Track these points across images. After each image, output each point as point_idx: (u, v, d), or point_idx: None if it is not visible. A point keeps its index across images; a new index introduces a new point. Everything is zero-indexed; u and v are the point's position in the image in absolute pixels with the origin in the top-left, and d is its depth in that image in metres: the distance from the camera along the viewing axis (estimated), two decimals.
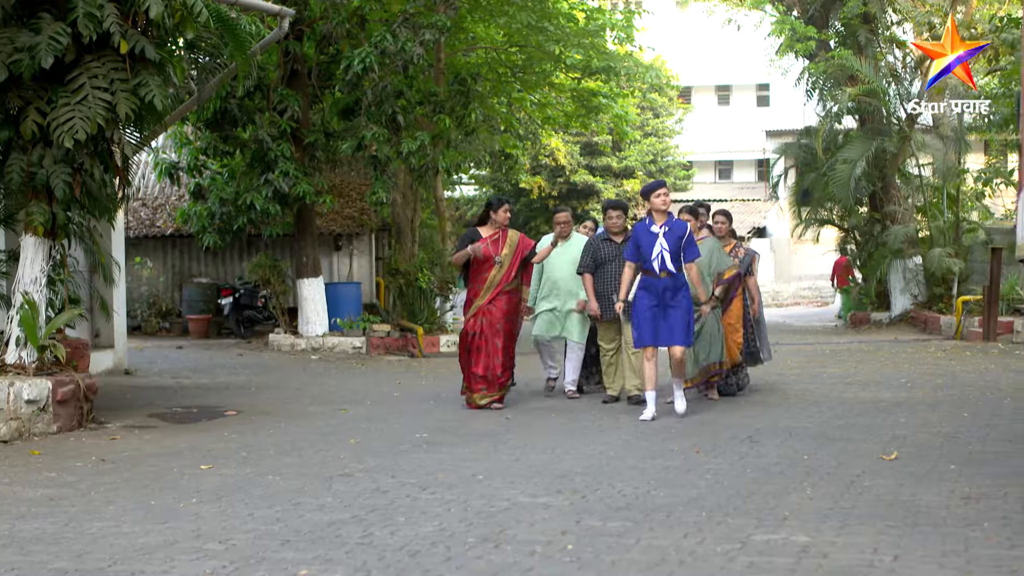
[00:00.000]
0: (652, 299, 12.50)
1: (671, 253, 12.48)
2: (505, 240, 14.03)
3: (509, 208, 14.29)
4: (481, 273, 13.95)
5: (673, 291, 12.49)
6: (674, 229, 12.61)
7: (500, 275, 13.89)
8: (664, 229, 12.55)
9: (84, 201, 12.42)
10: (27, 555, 6.62)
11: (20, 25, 11.63)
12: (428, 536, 6.95)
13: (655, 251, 12.51)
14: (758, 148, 57.51)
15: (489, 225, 14.11)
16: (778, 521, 7.20)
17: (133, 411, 13.52)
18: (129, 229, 27.64)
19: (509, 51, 28.88)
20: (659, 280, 12.49)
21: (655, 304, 12.48)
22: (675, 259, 12.50)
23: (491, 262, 13.87)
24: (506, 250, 13.96)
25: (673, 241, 12.51)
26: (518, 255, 14.06)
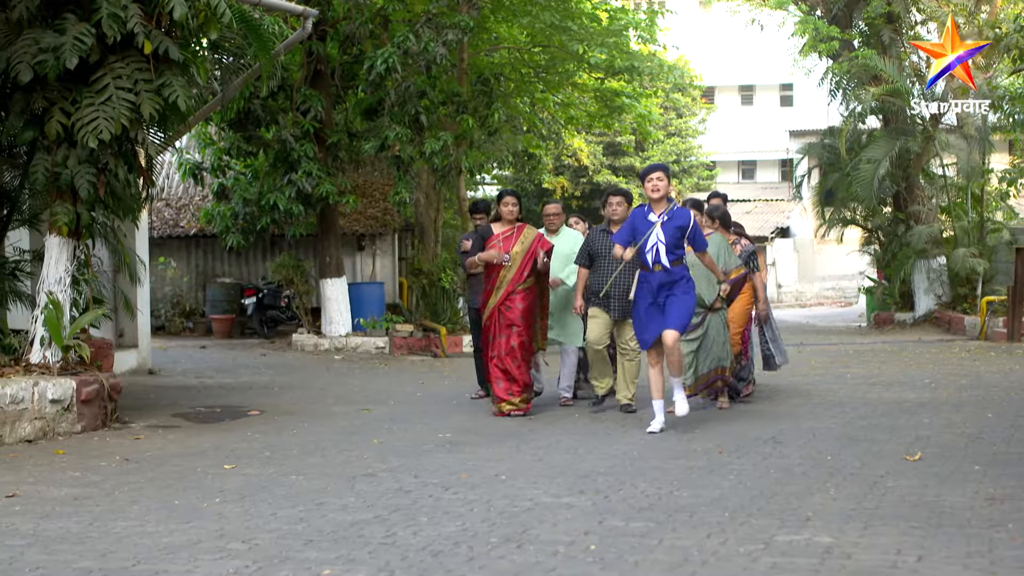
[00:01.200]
0: (648, 297, 11.53)
1: (667, 246, 11.44)
2: (518, 237, 13.19)
3: (514, 200, 13.38)
4: (491, 273, 13.23)
5: (669, 287, 11.46)
6: (674, 219, 11.51)
7: (510, 274, 13.07)
8: (663, 218, 11.49)
9: (108, 201, 12.46)
10: (52, 554, 6.64)
11: (44, 26, 11.66)
12: (451, 536, 6.95)
13: (649, 242, 11.48)
14: (781, 148, 57.37)
15: (502, 221, 13.36)
16: (801, 522, 7.18)
17: (157, 411, 13.55)
18: (153, 229, 27.72)
19: (532, 51, 28.89)
20: (653, 275, 11.49)
21: (651, 302, 11.53)
22: (672, 252, 11.46)
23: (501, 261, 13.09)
24: (517, 247, 13.14)
25: (671, 232, 11.46)
26: (531, 253, 13.12)
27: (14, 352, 12.25)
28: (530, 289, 13.15)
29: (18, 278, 13.34)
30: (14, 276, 13.26)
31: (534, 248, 13.10)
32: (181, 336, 28.62)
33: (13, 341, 12.40)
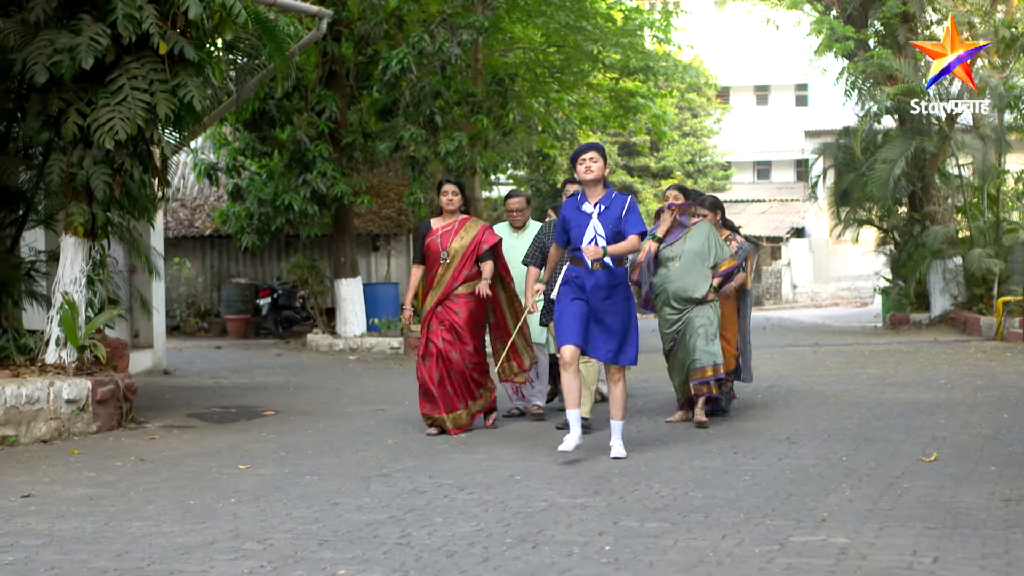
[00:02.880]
0: (575, 292, 9.92)
1: (608, 240, 9.82)
2: (458, 231, 11.82)
3: (454, 190, 11.87)
4: (430, 270, 11.89)
5: (608, 289, 9.89)
6: (612, 207, 9.92)
7: (448, 274, 11.74)
8: (600, 208, 9.93)
9: (124, 202, 12.49)
10: (67, 554, 6.65)
11: (60, 27, 11.69)
12: (466, 536, 6.95)
13: (586, 237, 9.87)
14: (797, 148, 57.27)
15: (443, 214, 11.96)
16: (817, 522, 7.17)
17: (172, 411, 13.57)
18: (168, 229, 27.78)
19: (547, 51, 28.89)
20: (590, 274, 9.88)
21: (577, 298, 9.90)
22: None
23: (438, 258, 11.78)
24: (456, 243, 11.76)
25: (611, 223, 9.87)
26: (472, 249, 11.76)
27: (30, 352, 12.27)
28: (474, 293, 11.74)
29: (34, 278, 13.37)
30: (30, 276, 13.29)
31: (476, 242, 11.77)
32: (196, 336, 28.68)
33: (29, 341, 12.43)
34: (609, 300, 9.92)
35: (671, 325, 12.00)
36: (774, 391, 14.65)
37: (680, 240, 12.07)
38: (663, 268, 12.04)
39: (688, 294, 11.88)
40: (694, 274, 11.89)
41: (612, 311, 9.92)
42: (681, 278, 11.87)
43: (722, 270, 12.05)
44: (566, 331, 9.88)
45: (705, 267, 11.95)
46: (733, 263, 12.17)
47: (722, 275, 12.05)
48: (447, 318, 11.70)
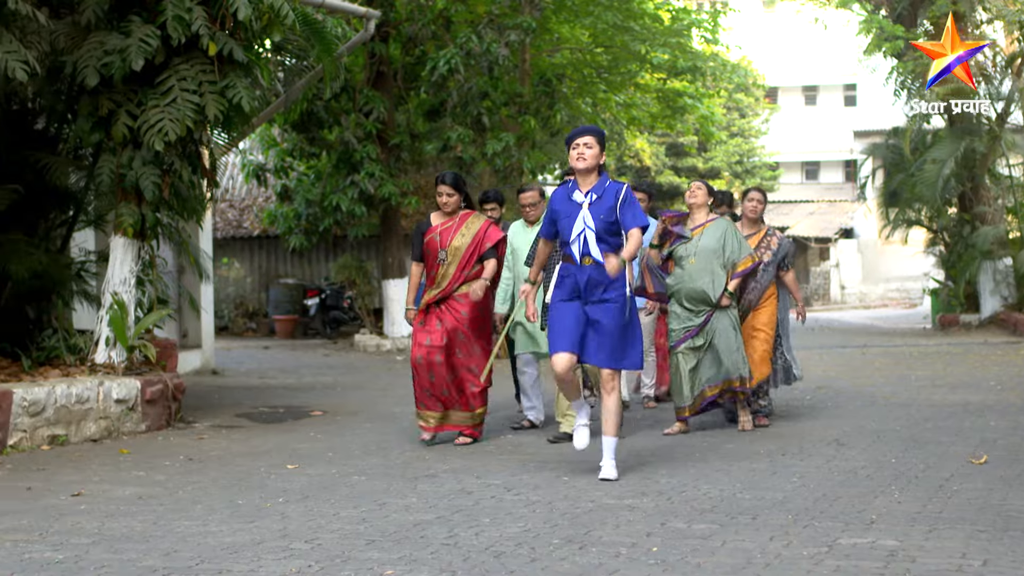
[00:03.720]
0: (566, 293, 9.11)
1: (597, 232, 8.95)
2: (459, 228, 11.04)
3: (449, 191, 10.98)
4: (430, 271, 11.12)
5: (601, 287, 8.98)
6: (605, 197, 9.01)
7: (449, 273, 10.95)
8: (591, 197, 9.02)
9: (173, 202, 12.55)
10: (116, 553, 6.69)
11: (110, 29, 11.75)
12: (513, 537, 6.95)
13: (575, 229, 9.02)
14: (845, 149, 57.00)
15: (441, 211, 11.19)
16: (865, 525, 7.13)
17: (220, 411, 13.63)
18: (216, 230, 27.91)
19: (594, 51, 28.83)
20: (580, 270, 9.04)
21: (570, 297, 9.08)
22: (604, 240, 8.98)
23: (436, 257, 11.02)
24: (456, 241, 10.97)
25: (602, 214, 8.97)
26: (474, 247, 10.99)
27: (80, 352, 12.35)
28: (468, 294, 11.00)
29: (84, 279, 13.45)
30: (80, 277, 13.37)
31: (479, 240, 10.99)
32: (244, 337, 28.80)
33: (79, 341, 12.51)
34: (605, 296, 8.97)
35: (681, 323, 11.34)
36: (822, 393, 14.59)
37: (695, 237, 11.42)
38: (678, 268, 11.46)
39: (702, 295, 11.24)
40: (708, 273, 11.25)
41: (607, 309, 8.96)
42: (694, 278, 11.26)
43: (739, 270, 11.34)
44: (559, 338, 9.01)
45: (720, 266, 11.27)
46: (750, 263, 11.43)
47: (739, 275, 11.34)
48: (449, 318, 10.88)
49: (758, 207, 12.17)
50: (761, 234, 12.11)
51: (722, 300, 11.22)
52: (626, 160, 44.35)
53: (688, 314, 11.33)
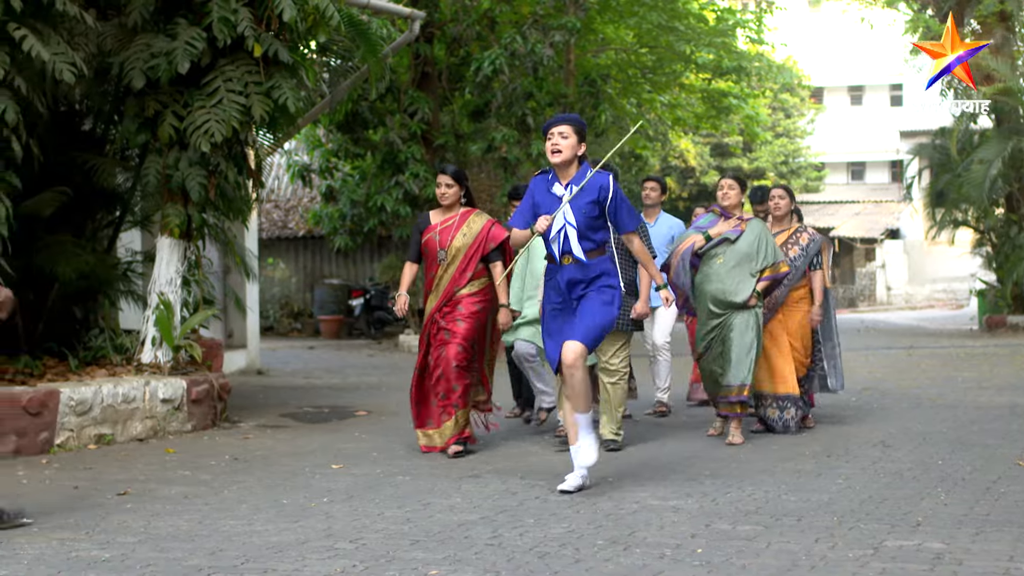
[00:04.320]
0: (556, 296, 8.60)
1: (579, 228, 8.40)
2: (460, 226, 10.42)
3: (449, 181, 10.44)
4: (429, 271, 10.58)
5: (584, 284, 8.46)
6: (587, 189, 8.42)
7: (449, 274, 10.39)
8: (572, 190, 8.44)
9: (219, 203, 12.60)
10: (162, 552, 6.72)
11: (157, 31, 11.81)
12: (557, 538, 6.94)
13: (555, 226, 8.43)
14: (891, 149, 56.75)
15: (442, 207, 10.62)
16: (911, 527, 7.10)
17: (265, 410, 13.67)
18: (262, 230, 28.02)
19: (639, 52, 28.83)
20: (562, 270, 8.52)
21: (558, 304, 8.57)
22: (587, 239, 8.44)
23: (436, 258, 10.47)
24: (457, 240, 10.36)
25: (584, 208, 8.40)
26: (477, 247, 10.32)
27: (126, 352, 12.41)
28: (480, 295, 10.43)
29: (130, 279, 13.52)
30: (126, 277, 13.43)
31: (482, 239, 10.32)
32: (289, 337, 28.89)
33: (125, 341, 12.57)
34: (586, 292, 8.46)
35: (708, 330, 10.88)
36: (868, 394, 14.52)
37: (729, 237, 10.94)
38: (704, 266, 10.94)
39: (728, 297, 10.72)
40: (737, 276, 10.75)
41: (586, 303, 8.43)
42: (722, 279, 10.76)
43: (767, 275, 10.82)
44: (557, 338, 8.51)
45: (750, 270, 10.76)
46: (784, 269, 10.93)
47: (768, 279, 10.84)
48: (449, 327, 10.34)
49: (780, 204, 11.66)
50: (789, 231, 11.63)
51: (750, 301, 10.71)
52: (671, 160, 44.28)
53: (714, 319, 10.83)
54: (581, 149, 8.53)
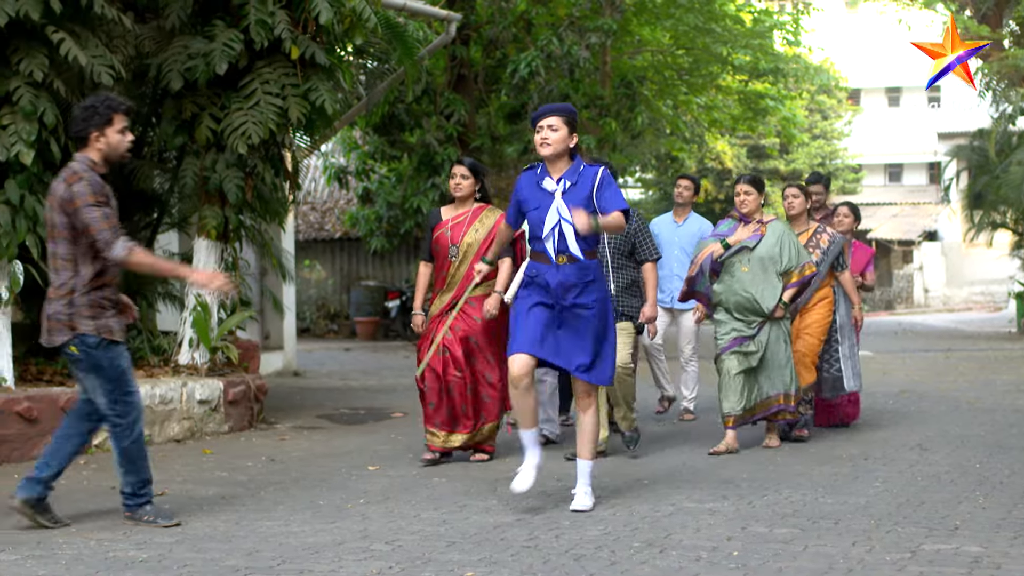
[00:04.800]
0: (538, 295, 7.90)
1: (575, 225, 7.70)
2: (472, 222, 10.02)
3: (464, 172, 10.10)
4: (440, 270, 10.10)
5: (578, 288, 7.85)
6: (581, 184, 7.90)
7: (461, 272, 9.93)
8: (564, 185, 7.88)
9: (255, 205, 12.63)
10: (199, 552, 6.75)
11: (194, 33, 11.86)
12: (593, 540, 6.94)
13: (548, 222, 7.85)
14: (929, 150, 56.46)
15: (455, 202, 10.25)
16: (949, 531, 7.06)
17: (302, 412, 13.71)
18: (298, 232, 28.09)
19: (675, 53, 28.76)
20: (556, 270, 7.87)
21: (537, 303, 7.88)
22: (583, 237, 7.81)
23: (447, 254, 9.96)
24: (470, 236, 9.95)
25: (579, 203, 7.78)
26: (489, 244, 9.64)
27: (163, 353, 12.47)
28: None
29: (168, 280, 13.57)
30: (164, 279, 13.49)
31: (494, 236, 9.47)
32: (325, 338, 28.95)
33: (163, 342, 12.62)
34: (579, 300, 7.85)
35: (728, 331, 10.42)
36: (905, 397, 14.46)
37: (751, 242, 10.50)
38: (726, 274, 10.46)
39: (754, 304, 10.30)
40: (762, 281, 10.32)
41: (583, 315, 7.86)
42: (746, 286, 10.32)
43: (794, 280, 10.40)
44: (517, 338, 7.90)
45: (775, 274, 10.35)
46: (810, 271, 10.49)
47: (796, 285, 10.41)
48: (461, 326, 9.91)
49: (793, 203, 11.10)
50: (809, 232, 11.04)
51: (776, 311, 10.31)
52: (707, 162, 44.19)
53: (739, 323, 10.39)
54: (572, 141, 7.96)
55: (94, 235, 7.26)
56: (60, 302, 7.38)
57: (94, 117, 7.44)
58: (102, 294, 7.41)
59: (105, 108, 7.46)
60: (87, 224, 7.26)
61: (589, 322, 7.85)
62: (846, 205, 12.01)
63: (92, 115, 7.45)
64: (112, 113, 7.48)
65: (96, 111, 7.45)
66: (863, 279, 11.95)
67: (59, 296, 7.39)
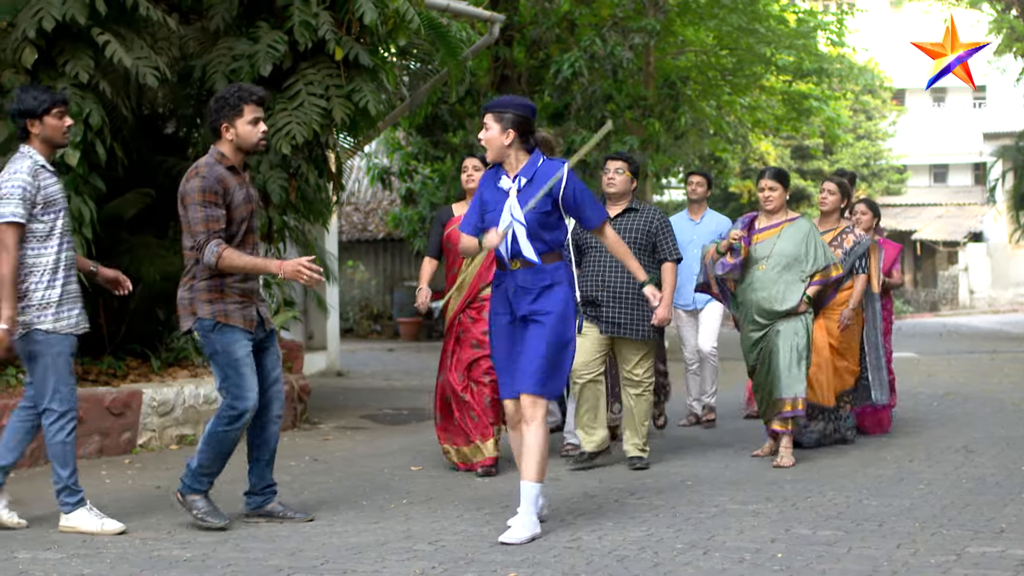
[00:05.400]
0: (503, 307, 7.50)
1: (529, 226, 7.30)
2: None
3: (476, 164, 9.85)
4: (452, 266, 10.05)
5: (533, 294, 7.36)
6: (536, 181, 7.37)
7: (474, 269, 9.86)
8: (520, 182, 7.40)
9: (299, 205, 12.66)
10: (243, 552, 6.77)
11: (239, 34, 11.90)
12: (636, 541, 6.93)
13: (501, 223, 7.36)
14: (974, 151, 56.10)
15: (466, 198, 9.99)
16: (994, 534, 7.02)
17: (345, 412, 13.74)
18: (342, 233, 28.14)
19: (719, 54, 28.68)
20: (511, 276, 7.44)
21: (509, 320, 7.49)
22: (538, 238, 7.35)
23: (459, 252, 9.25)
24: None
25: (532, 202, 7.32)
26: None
27: None
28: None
29: None
30: None
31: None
32: (369, 339, 29.00)
33: None
34: (535, 307, 7.34)
35: (754, 344, 9.96)
36: (950, 399, 14.38)
37: (771, 237, 9.99)
38: (747, 275, 9.96)
39: (774, 306, 9.79)
40: (783, 282, 9.81)
41: (539, 321, 7.34)
42: (767, 286, 9.83)
43: (817, 279, 9.88)
44: (501, 376, 7.62)
45: (798, 274, 9.82)
46: (836, 273, 10.00)
47: (819, 284, 9.90)
48: (474, 327, 9.81)
49: (828, 199, 10.69)
50: (836, 231, 10.59)
51: (800, 306, 9.76)
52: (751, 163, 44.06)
53: (760, 332, 9.88)
54: (507, 139, 7.40)
55: (192, 235, 7.30)
56: (183, 288, 7.47)
57: (224, 108, 7.44)
58: (224, 281, 7.40)
59: (236, 99, 7.45)
60: (188, 222, 7.32)
61: (543, 330, 7.30)
62: (864, 202, 11.66)
63: (222, 106, 7.45)
64: (243, 104, 7.46)
65: (227, 102, 7.43)
66: (890, 277, 11.68)
67: (184, 283, 7.47)
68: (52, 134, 7.52)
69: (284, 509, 7.70)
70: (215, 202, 7.27)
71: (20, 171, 7.38)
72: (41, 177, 7.43)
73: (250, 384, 7.47)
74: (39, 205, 7.40)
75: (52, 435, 7.40)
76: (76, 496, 7.43)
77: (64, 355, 7.44)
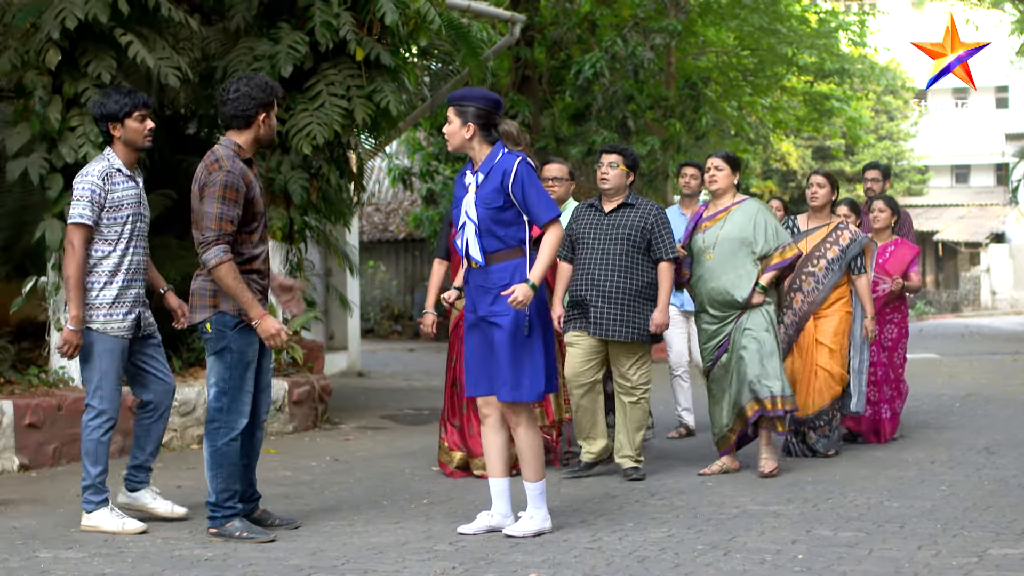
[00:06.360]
0: (471, 305, 7.34)
1: (479, 224, 7.16)
2: None
3: None
4: (456, 273, 9.29)
5: (492, 294, 7.17)
6: (491, 177, 7.20)
7: None
8: (479, 178, 7.26)
9: (320, 206, 12.68)
10: (264, 551, 6.78)
11: (260, 35, 11.92)
12: (657, 542, 6.93)
13: (459, 220, 7.31)
14: (996, 151, 55.96)
15: None
16: (1016, 535, 7.00)
17: (366, 412, 13.76)
18: (363, 233, 28.17)
19: (740, 54, 28.65)
20: (471, 274, 7.32)
21: (473, 316, 7.34)
22: (491, 234, 7.17)
23: None
24: None
25: (487, 198, 7.17)
26: None
27: None
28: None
29: None
30: None
31: None
32: (389, 339, 29.04)
33: None
34: (494, 308, 7.14)
35: (709, 338, 9.37)
36: (972, 400, 14.34)
37: (716, 224, 9.37)
38: (696, 267, 9.36)
39: (726, 295, 9.18)
40: (732, 268, 9.18)
41: (497, 324, 7.16)
42: (716, 276, 9.21)
43: (773, 262, 9.17)
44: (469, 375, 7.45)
45: (748, 259, 9.17)
46: (792, 253, 9.25)
47: (775, 268, 9.17)
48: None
49: (817, 193, 10.21)
50: (829, 227, 10.19)
51: (753, 297, 9.13)
52: (772, 163, 44.01)
53: (716, 325, 9.31)
54: (467, 132, 7.24)
55: (200, 229, 7.11)
56: (204, 279, 7.24)
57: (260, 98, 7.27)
58: (250, 277, 7.29)
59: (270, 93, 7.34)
60: (200, 214, 7.12)
61: (502, 334, 7.12)
62: (882, 199, 11.28)
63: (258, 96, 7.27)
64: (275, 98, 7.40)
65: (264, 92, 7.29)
66: (907, 280, 11.06)
67: (204, 273, 7.23)
68: (133, 137, 7.59)
69: (271, 516, 7.62)
70: (235, 200, 7.08)
71: (91, 173, 7.48)
72: (113, 180, 7.49)
73: (248, 399, 7.36)
74: (107, 208, 7.44)
75: (89, 431, 7.44)
76: (101, 496, 7.45)
77: (110, 354, 7.47)
